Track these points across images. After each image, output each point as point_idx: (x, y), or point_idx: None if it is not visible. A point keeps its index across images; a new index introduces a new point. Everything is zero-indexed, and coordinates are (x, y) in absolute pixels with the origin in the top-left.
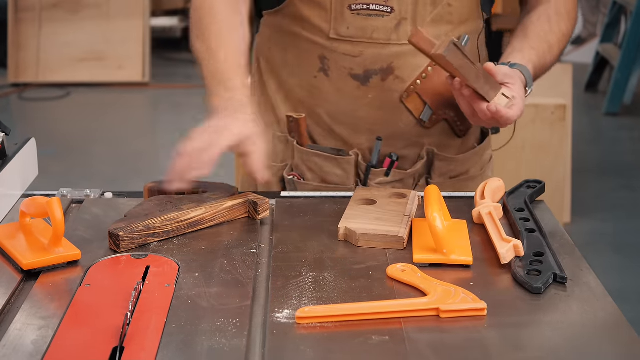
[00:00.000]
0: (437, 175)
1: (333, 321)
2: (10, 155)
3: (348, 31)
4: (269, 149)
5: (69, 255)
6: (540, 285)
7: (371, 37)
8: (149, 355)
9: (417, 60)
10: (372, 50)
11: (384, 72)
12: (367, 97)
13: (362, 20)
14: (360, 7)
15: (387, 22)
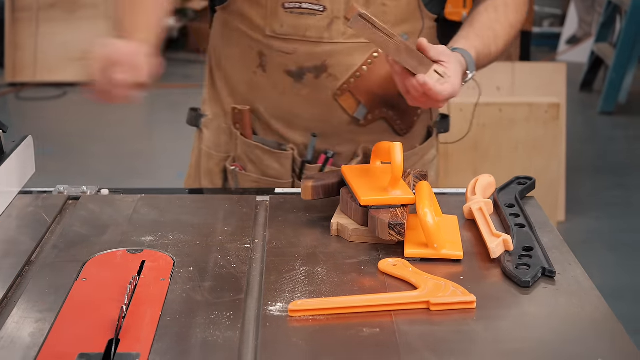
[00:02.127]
0: None
1: (325, 314)
2: (7, 152)
3: (282, 29)
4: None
5: (404, 198)
6: (529, 279)
7: (304, 35)
8: (144, 346)
9: (350, 59)
10: (305, 48)
11: (318, 70)
12: (301, 93)
13: (295, 18)
14: (293, 5)
15: (319, 20)
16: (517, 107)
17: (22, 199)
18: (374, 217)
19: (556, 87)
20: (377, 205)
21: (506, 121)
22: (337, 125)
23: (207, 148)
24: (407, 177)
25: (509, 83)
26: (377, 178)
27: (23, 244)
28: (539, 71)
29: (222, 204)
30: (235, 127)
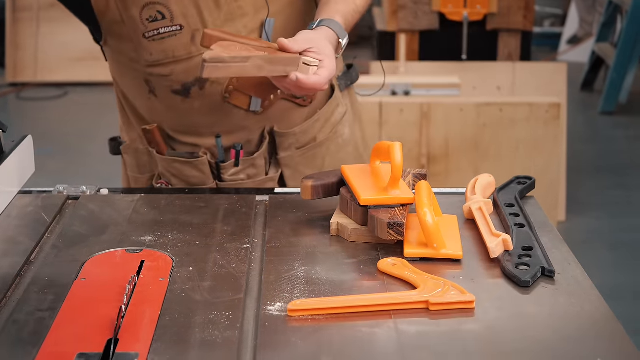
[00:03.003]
0: (282, 150)
1: (324, 314)
2: (7, 152)
3: (152, 57)
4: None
5: (404, 198)
6: (529, 278)
7: (174, 56)
8: (143, 346)
9: None
10: (180, 67)
11: (200, 82)
12: (194, 107)
13: (159, 44)
14: (153, 33)
15: (181, 38)
16: (518, 107)
17: (21, 199)
18: (374, 216)
19: (557, 87)
20: (376, 204)
21: (507, 121)
22: (239, 121)
23: (132, 173)
24: (406, 176)
25: (510, 83)
26: (376, 177)
27: (22, 243)
28: (540, 71)
29: (221, 204)
30: (151, 147)
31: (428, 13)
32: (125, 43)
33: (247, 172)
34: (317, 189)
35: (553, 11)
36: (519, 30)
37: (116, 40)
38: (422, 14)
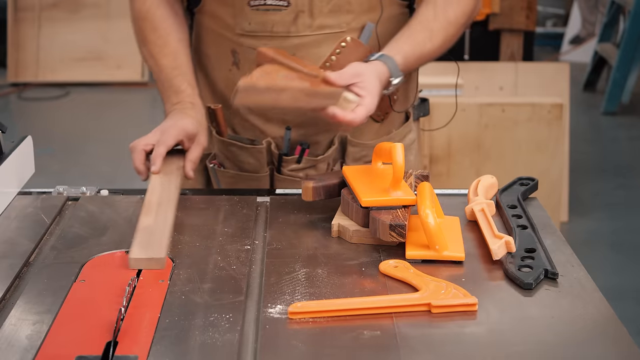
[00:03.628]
0: (350, 160)
1: (325, 316)
2: (6, 152)
3: (250, 26)
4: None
5: (405, 199)
6: (531, 280)
7: (272, 30)
8: (142, 349)
9: (319, 50)
10: (274, 43)
11: None
12: None
13: (261, 15)
14: (258, 3)
15: (284, 15)
16: (520, 107)
17: (21, 200)
18: (375, 218)
19: (559, 87)
20: (378, 206)
21: (509, 121)
22: (312, 116)
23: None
24: (408, 177)
25: (512, 83)
26: (378, 179)
27: (21, 244)
28: (542, 71)
29: (222, 205)
30: (212, 126)
31: None
32: (225, 8)
33: (307, 172)
34: (319, 190)
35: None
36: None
37: (216, 3)
38: None
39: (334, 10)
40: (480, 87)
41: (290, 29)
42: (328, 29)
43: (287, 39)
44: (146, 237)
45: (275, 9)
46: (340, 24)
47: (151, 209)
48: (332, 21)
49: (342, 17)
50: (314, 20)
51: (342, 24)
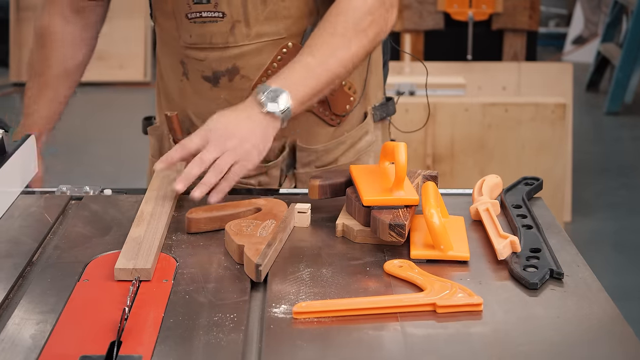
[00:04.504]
0: (301, 166)
1: (330, 316)
2: (9, 152)
3: (191, 39)
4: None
5: (407, 199)
6: (537, 280)
7: (211, 42)
8: (146, 349)
9: (259, 58)
10: (215, 54)
11: (230, 73)
12: (220, 97)
13: (199, 27)
14: (195, 15)
15: (221, 26)
16: (524, 107)
17: (24, 199)
18: (375, 217)
19: (562, 87)
20: (379, 205)
21: (512, 121)
22: None
23: (151, 155)
24: (415, 177)
25: (515, 83)
26: (383, 178)
27: (25, 244)
28: (545, 71)
29: None
30: (170, 133)
31: (433, 13)
32: (169, 20)
33: (259, 179)
34: (325, 188)
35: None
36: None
37: (162, 16)
38: (427, 14)
39: (270, 17)
40: (483, 87)
41: (229, 40)
42: (267, 37)
43: (227, 49)
44: (134, 247)
45: (212, 21)
46: (279, 30)
47: (143, 219)
48: (270, 28)
49: (280, 23)
50: (250, 29)
51: (280, 30)
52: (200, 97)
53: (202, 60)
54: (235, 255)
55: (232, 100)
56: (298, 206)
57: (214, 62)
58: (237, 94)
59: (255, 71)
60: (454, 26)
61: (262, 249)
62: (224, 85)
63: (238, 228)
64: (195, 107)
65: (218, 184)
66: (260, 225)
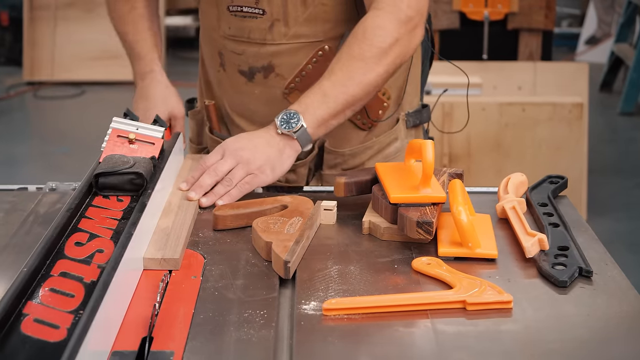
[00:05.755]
0: (327, 167)
1: (360, 313)
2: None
3: (230, 30)
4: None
5: (435, 197)
6: (566, 278)
7: (249, 37)
8: (178, 345)
9: (295, 59)
10: (252, 49)
11: (266, 70)
12: (254, 92)
13: (239, 21)
14: (236, 8)
15: (260, 23)
16: (541, 107)
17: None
18: (403, 214)
19: (578, 87)
20: (406, 203)
21: (529, 121)
22: None
23: (189, 140)
24: (441, 175)
25: (531, 82)
26: (409, 176)
27: None
28: (561, 71)
29: None
30: (206, 121)
31: (448, 12)
32: (212, 8)
33: (287, 176)
34: (350, 186)
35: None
36: (540, 29)
37: (205, 3)
38: (443, 13)
39: (310, 19)
40: (499, 87)
41: (267, 37)
42: (304, 38)
43: (264, 46)
44: (162, 237)
45: (252, 16)
46: (316, 33)
47: (171, 210)
48: (308, 30)
49: (319, 26)
50: (289, 29)
51: (318, 33)
52: (235, 90)
53: (240, 54)
54: (263, 252)
55: (265, 97)
56: (324, 203)
57: (251, 58)
58: (271, 92)
59: (290, 71)
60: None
61: (290, 245)
62: (259, 81)
63: (265, 225)
64: (230, 98)
65: (229, 190)
66: (287, 222)
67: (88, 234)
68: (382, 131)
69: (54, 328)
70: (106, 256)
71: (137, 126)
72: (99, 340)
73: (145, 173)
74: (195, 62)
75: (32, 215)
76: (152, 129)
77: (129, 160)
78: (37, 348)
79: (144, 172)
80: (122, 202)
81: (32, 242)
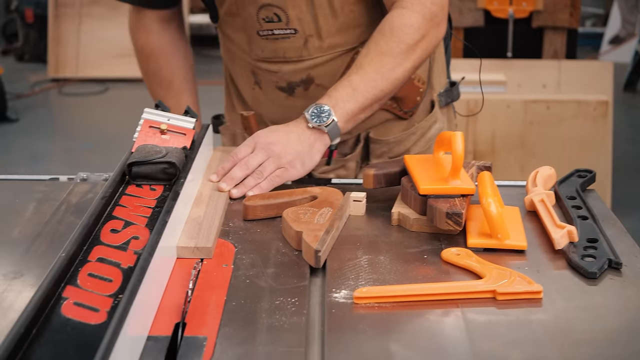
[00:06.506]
0: (374, 157)
1: (390, 302)
2: (197, 141)
3: (264, 53)
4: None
5: (464, 188)
6: (596, 270)
7: (284, 56)
8: (210, 330)
9: (333, 67)
10: (288, 67)
11: (305, 83)
12: (296, 105)
13: (271, 43)
14: (266, 33)
15: (294, 42)
16: (566, 105)
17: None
18: (432, 205)
19: (602, 86)
20: (436, 194)
21: (554, 118)
22: None
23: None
24: (470, 168)
25: (555, 81)
26: (438, 168)
27: None
28: (586, 69)
29: None
30: (246, 132)
31: (473, 10)
32: (239, 34)
33: (337, 173)
34: (379, 177)
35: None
36: (565, 27)
37: (230, 29)
38: (467, 11)
39: (342, 28)
40: (523, 85)
41: (302, 54)
42: (339, 47)
43: (301, 62)
44: (195, 227)
45: (284, 37)
46: (351, 40)
47: (202, 200)
48: (342, 39)
49: (352, 33)
50: (323, 42)
51: (352, 39)
52: (275, 106)
53: (276, 72)
54: (293, 241)
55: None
56: (354, 195)
57: (287, 74)
58: (314, 102)
59: (330, 79)
60: (494, 23)
61: (320, 235)
62: (300, 94)
63: (295, 215)
64: (271, 114)
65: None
66: (317, 212)
67: (123, 221)
68: (421, 116)
69: (94, 311)
70: (142, 243)
71: (168, 117)
72: (137, 325)
73: (178, 162)
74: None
75: (64, 204)
76: (183, 120)
77: (162, 150)
78: (79, 330)
79: (176, 162)
80: (155, 191)
81: (64, 230)
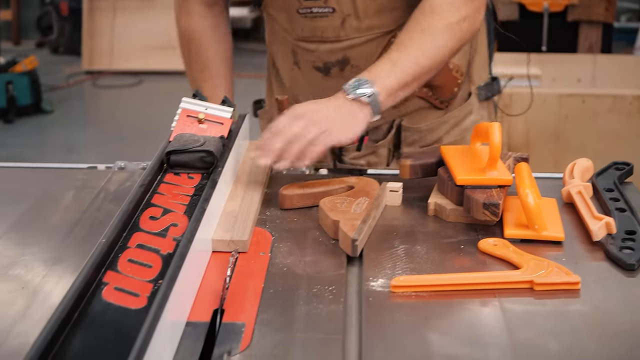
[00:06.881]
0: (406, 145)
1: (427, 291)
2: (234, 131)
3: (302, 32)
4: None
5: (501, 179)
6: (634, 261)
7: (322, 36)
8: (249, 317)
9: (369, 49)
10: (325, 47)
11: (341, 64)
12: (332, 85)
13: (310, 22)
14: (305, 10)
15: (332, 21)
16: (601, 99)
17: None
18: (469, 196)
19: (638, 80)
20: (473, 185)
21: (589, 112)
22: None
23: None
24: (507, 159)
25: (590, 75)
26: (475, 159)
27: None
28: (621, 64)
29: None
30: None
31: (508, 4)
32: (281, 13)
33: (368, 159)
34: (416, 168)
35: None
36: (600, 22)
37: (273, 8)
38: (502, 5)
39: (380, 10)
40: (558, 79)
41: (340, 34)
42: (377, 29)
43: (338, 42)
44: (230, 220)
45: (322, 16)
46: (388, 22)
47: (237, 194)
48: (380, 21)
49: (390, 15)
50: (361, 23)
51: (390, 22)
52: (312, 86)
53: (313, 51)
54: (330, 230)
55: None
56: (390, 185)
57: (324, 54)
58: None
59: (366, 60)
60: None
61: (357, 224)
62: (335, 74)
63: (332, 204)
64: (307, 94)
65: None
66: (354, 202)
67: (162, 208)
68: (456, 105)
69: (134, 296)
70: (181, 230)
71: (206, 106)
72: (176, 310)
73: (216, 151)
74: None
75: (103, 192)
76: (220, 109)
77: (200, 138)
78: (120, 314)
79: (214, 150)
80: (193, 180)
81: (103, 217)
